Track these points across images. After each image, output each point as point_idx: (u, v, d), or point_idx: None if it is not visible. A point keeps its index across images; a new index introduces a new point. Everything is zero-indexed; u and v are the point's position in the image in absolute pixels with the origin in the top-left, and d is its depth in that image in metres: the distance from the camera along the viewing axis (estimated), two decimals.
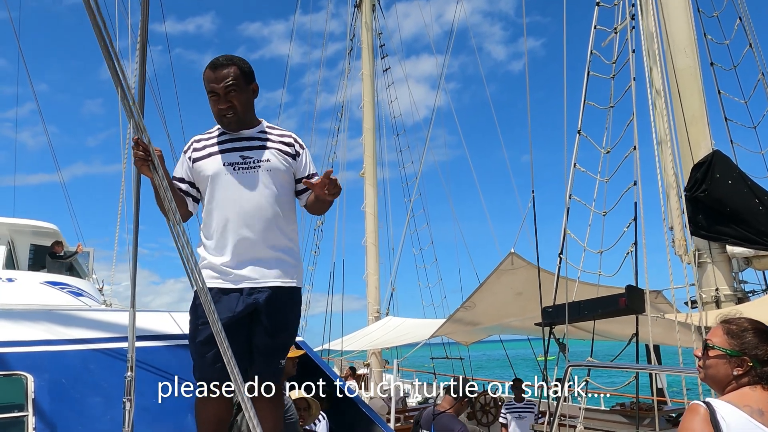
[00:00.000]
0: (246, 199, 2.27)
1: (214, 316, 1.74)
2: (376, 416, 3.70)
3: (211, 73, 2.29)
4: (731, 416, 1.60)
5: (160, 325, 3.43)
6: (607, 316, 4.71)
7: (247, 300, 2.26)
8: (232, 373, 1.70)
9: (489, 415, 9.66)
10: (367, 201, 15.13)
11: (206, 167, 2.33)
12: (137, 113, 1.94)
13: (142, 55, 2.29)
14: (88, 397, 2.89)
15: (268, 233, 2.29)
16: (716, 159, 5.06)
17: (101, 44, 1.91)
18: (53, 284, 7.28)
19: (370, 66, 16.00)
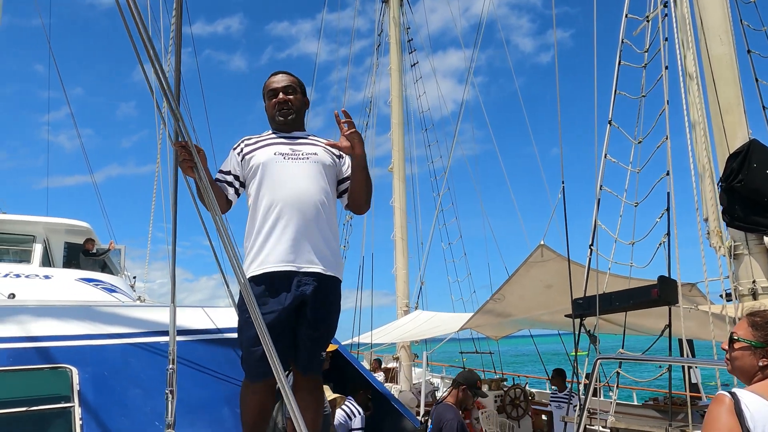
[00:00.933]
0: (295, 186, 2.39)
1: (256, 311, 1.83)
2: (404, 409, 3.79)
3: (274, 77, 2.54)
4: (755, 406, 1.63)
5: (195, 321, 3.57)
6: (639, 308, 4.67)
7: (295, 293, 2.35)
8: (275, 367, 1.78)
9: (519, 409, 9.72)
10: (395, 196, 15.26)
11: (258, 157, 2.47)
12: (179, 116, 2.04)
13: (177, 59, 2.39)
14: (129, 389, 3.03)
15: (315, 220, 2.39)
16: (753, 148, 4.94)
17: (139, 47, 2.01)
18: (88, 281, 7.56)
19: (398, 61, 16.11)
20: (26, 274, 7.20)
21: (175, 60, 2.51)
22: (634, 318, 6.08)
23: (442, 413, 4.08)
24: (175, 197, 2.49)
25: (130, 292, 8.64)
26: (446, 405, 4.15)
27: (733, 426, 1.64)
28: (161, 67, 1.94)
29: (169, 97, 2.01)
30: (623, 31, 5.01)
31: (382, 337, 14.10)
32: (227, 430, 2.53)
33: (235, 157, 2.54)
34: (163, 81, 1.94)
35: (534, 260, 6.77)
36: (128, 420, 2.84)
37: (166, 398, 2.50)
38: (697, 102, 5.03)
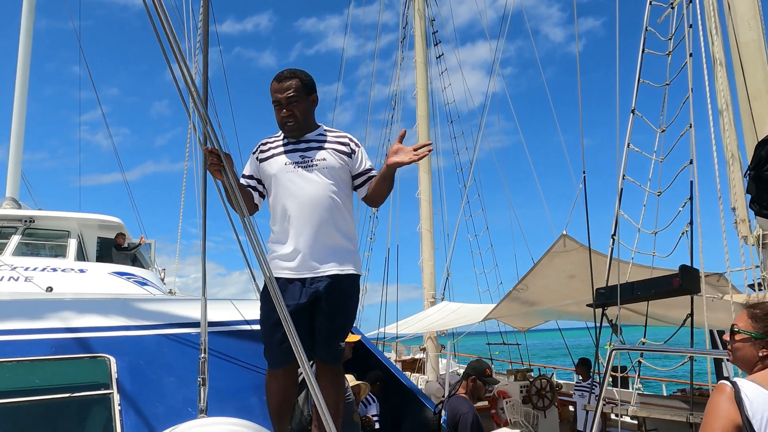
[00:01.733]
0: (304, 194, 2.52)
1: (280, 302, 1.96)
2: (425, 398, 3.92)
3: (276, 85, 2.58)
4: (754, 394, 1.70)
5: (224, 314, 3.75)
6: (661, 297, 4.67)
7: (308, 290, 2.52)
8: (298, 355, 1.91)
9: (545, 400, 9.80)
10: (421, 188, 15.39)
11: (270, 167, 2.61)
12: (207, 119, 2.17)
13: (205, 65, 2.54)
14: (163, 377, 3.22)
15: (325, 225, 2.53)
16: None
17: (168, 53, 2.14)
18: (120, 274, 7.88)
19: (423, 53, 16.19)
20: (62, 268, 7.54)
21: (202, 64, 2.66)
22: (659, 308, 6.07)
23: (456, 406, 4.04)
24: (204, 196, 2.65)
25: (161, 285, 8.96)
26: (460, 398, 4.11)
27: (733, 414, 1.71)
28: (189, 72, 2.07)
29: (197, 100, 2.15)
30: (647, 18, 4.96)
31: (408, 329, 14.28)
32: (255, 416, 2.69)
33: (255, 162, 2.69)
34: (191, 85, 2.07)
35: (557, 250, 6.79)
36: (163, 406, 3.02)
37: (198, 385, 2.68)
38: (723, 89, 4.95)
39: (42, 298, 4.43)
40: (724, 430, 1.70)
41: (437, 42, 16.84)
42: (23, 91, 9.89)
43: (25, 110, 9.93)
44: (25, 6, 10.17)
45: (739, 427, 1.69)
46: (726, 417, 1.71)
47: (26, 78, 9.94)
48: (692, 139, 4.57)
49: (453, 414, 3.99)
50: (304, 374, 1.90)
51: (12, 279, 6.79)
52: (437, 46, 16.85)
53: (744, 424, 1.68)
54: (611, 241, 4.93)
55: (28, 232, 8.18)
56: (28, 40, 10.06)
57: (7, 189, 9.68)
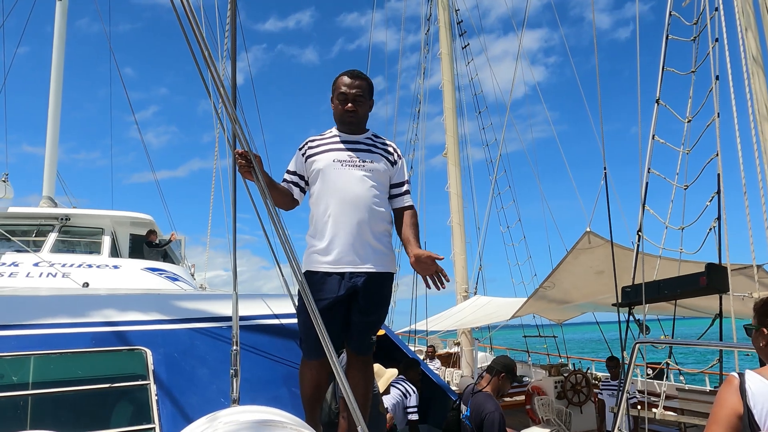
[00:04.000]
0: (349, 191, 2.68)
1: (309, 299, 2.12)
2: (449, 389, 4.07)
3: (347, 79, 2.76)
4: (757, 386, 1.81)
5: (254, 308, 3.97)
6: (687, 296, 4.67)
7: (347, 284, 2.68)
8: (327, 350, 2.04)
9: (581, 395, 9.75)
10: (450, 181, 15.47)
11: (318, 161, 2.75)
12: (236, 122, 2.34)
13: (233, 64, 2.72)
14: (196, 369, 3.44)
15: (365, 223, 2.70)
16: None
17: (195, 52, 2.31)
18: (152, 270, 8.25)
19: (448, 45, 16.24)
20: (97, 264, 7.93)
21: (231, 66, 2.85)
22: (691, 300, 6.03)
23: (482, 403, 3.96)
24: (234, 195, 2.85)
25: (191, 281, 9.32)
26: (486, 394, 4.05)
27: (736, 403, 1.82)
28: (218, 73, 2.23)
29: (226, 101, 2.32)
30: (671, 2, 4.92)
31: (439, 324, 14.41)
32: (285, 405, 2.85)
33: (300, 158, 2.82)
34: (220, 86, 2.23)
35: (582, 247, 6.80)
36: (197, 396, 3.24)
37: (230, 377, 2.89)
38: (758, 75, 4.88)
39: (80, 294, 4.74)
40: (726, 418, 1.83)
41: (463, 32, 16.84)
42: (57, 92, 10.35)
43: (59, 111, 10.39)
44: (58, 9, 10.64)
45: (741, 416, 1.81)
46: (729, 406, 1.83)
47: (60, 79, 10.40)
48: (717, 130, 4.54)
49: (478, 411, 3.92)
50: (333, 367, 2.03)
51: (50, 275, 7.19)
52: (462, 36, 16.85)
53: (745, 414, 1.79)
54: (637, 237, 4.94)
55: (64, 230, 8.62)
56: (61, 42, 10.51)
57: (43, 188, 10.18)
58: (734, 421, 1.82)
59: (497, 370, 4.14)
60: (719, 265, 4.35)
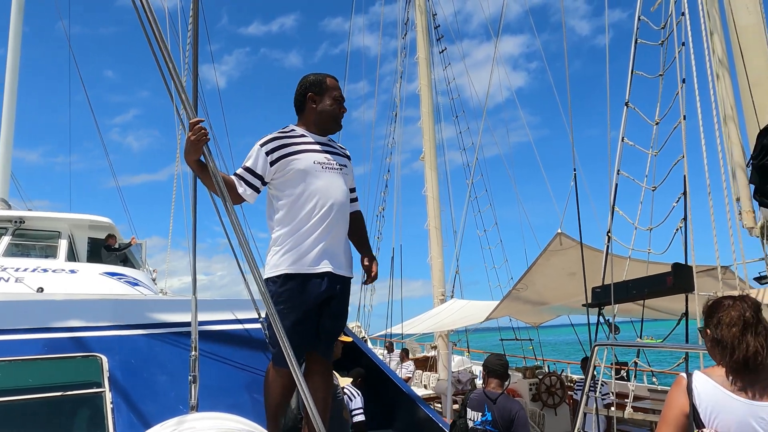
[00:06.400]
0: (332, 194, 2.74)
1: (271, 306, 2.11)
2: (417, 397, 4.13)
3: (336, 83, 2.89)
4: (703, 385, 1.93)
5: (216, 313, 3.97)
6: (655, 296, 4.83)
7: (327, 287, 2.72)
8: (288, 357, 2.03)
9: (555, 397, 9.97)
10: (428, 185, 15.76)
11: (298, 162, 2.73)
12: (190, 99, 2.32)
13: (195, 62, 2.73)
14: (155, 376, 3.43)
15: (342, 228, 2.79)
16: None
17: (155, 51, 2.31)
18: (111, 275, 8.13)
19: (426, 49, 16.58)
20: (53, 268, 7.79)
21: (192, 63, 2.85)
22: (660, 301, 6.23)
23: (508, 406, 4.15)
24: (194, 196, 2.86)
25: (152, 285, 9.21)
26: (507, 396, 4.25)
27: (683, 403, 1.94)
28: (179, 78, 2.23)
29: (187, 106, 2.32)
30: (640, 7, 5.09)
31: (415, 328, 14.55)
32: (246, 413, 2.87)
33: (264, 158, 2.72)
34: (182, 91, 2.23)
35: (554, 249, 6.98)
36: (155, 404, 3.23)
37: (189, 383, 2.89)
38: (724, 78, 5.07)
39: (33, 299, 4.66)
40: (675, 417, 1.94)
41: (440, 37, 17.13)
42: (12, 94, 10.20)
43: (14, 112, 10.24)
44: (13, 8, 10.44)
45: (688, 415, 1.91)
46: (677, 406, 1.95)
47: (15, 80, 10.26)
48: (683, 132, 4.71)
49: (507, 413, 4.11)
50: (293, 373, 2.03)
51: (2, 280, 7.04)
52: (439, 41, 17.14)
53: (691, 412, 1.90)
54: (607, 239, 5.09)
55: (18, 233, 8.43)
56: (17, 41, 10.35)
57: None
58: (682, 420, 1.92)
59: (502, 372, 4.36)
60: (685, 265, 4.51)
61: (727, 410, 1.86)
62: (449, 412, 8.50)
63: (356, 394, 4.23)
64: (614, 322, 4.97)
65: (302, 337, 2.62)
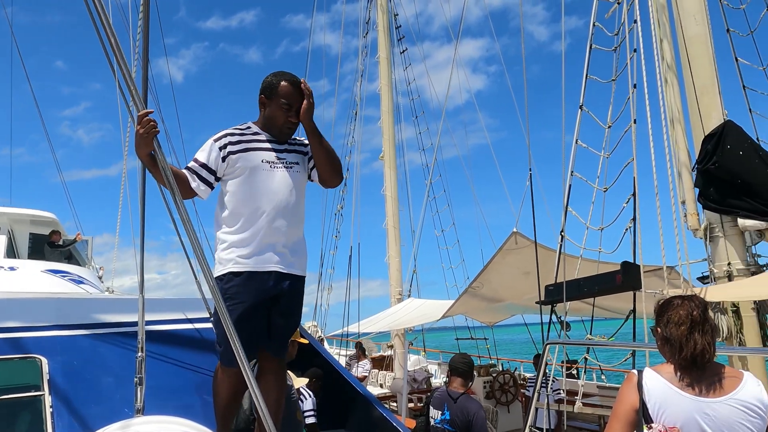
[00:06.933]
0: (279, 194, 2.69)
1: (220, 302, 2.06)
2: (371, 397, 4.14)
3: (293, 90, 2.70)
4: (652, 382, 2.00)
5: (164, 312, 3.86)
6: (605, 293, 5.02)
7: (274, 285, 2.69)
8: (238, 354, 2.00)
9: (508, 394, 10.20)
10: (387, 184, 15.83)
11: (245, 160, 2.69)
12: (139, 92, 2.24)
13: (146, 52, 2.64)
14: (99, 378, 3.32)
15: (292, 226, 2.74)
16: (727, 129, 5.23)
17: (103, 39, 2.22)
18: (54, 272, 7.80)
19: (387, 49, 16.64)
20: None
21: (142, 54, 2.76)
22: (610, 301, 6.46)
23: (465, 405, 4.15)
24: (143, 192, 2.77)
25: (98, 284, 8.90)
26: (467, 396, 4.25)
27: (633, 399, 2.01)
28: (128, 70, 2.15)
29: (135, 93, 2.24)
30: (595, 13, 5.26)
31: (372, 326, 14.59)
32: (195, 415, 2.81)
33: (216, 152, 2.69)
34: (131, 84, 2.15)
35: (509, 248, 7.15)
36: (99, 407, 3.12)
37: (135, 385, 2.80)
38: (672, 85, 5.30)
39: None
40: (624, 412, 2.00)
41: (401, 37, 17.24)
42: None
43: None
44: None
45: (636, 410, 1.98)
46: (627, 402, 2.02)
47: None
48: (633, 135, 4.90)
49: (463, 413, 4.11)
50: (244, 373, 2.00)
51: None
52: (401, 41, 17.26)
53: (640, 408, 1.97)
54: (560, 238, 5.25)
55: None
56: None
57: None
58: (631, 415, 1.99)
59: (466, 371, 4.36)
60: (633, 264, 4.69)
61: (675, 406, 1.93)
62: (404, 410, 8.56)
63: (308, 396, 4.20)
64: (566, 320, 5.11)
65: (249, 334, 2.57)
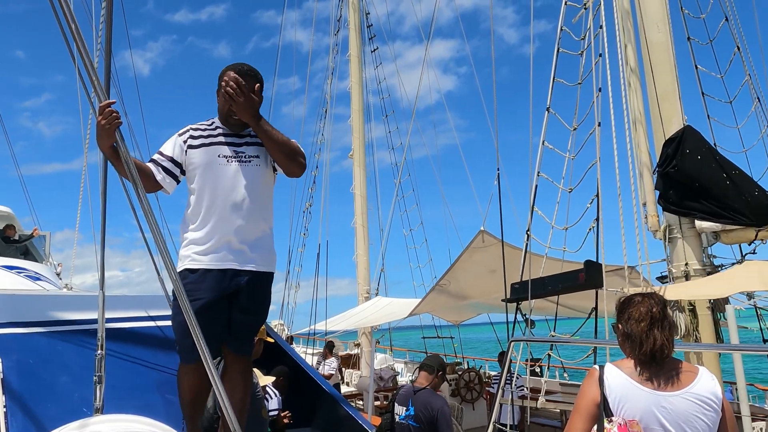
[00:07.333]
0: (235, 189, 2.64)
1: (184, 297, 2.05)
2: (337, 395, 4.14)
3: (231, 74, 2.61)
4: (613, 377, 2.07)
5: (125, 309, 3.77)
6: (568, 291, 5.14)
7: (230, 282, 2.64)
8: (202, 352, 1.99)
9: (473, 392, 10.40)
10: (356, 182, 15.88)
11: (200, 156, 2.67)
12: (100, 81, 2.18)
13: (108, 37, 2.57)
14: (56, 377, 3.22)
15: (250, 222, 2.67)
16: (686, 134, 5.43)
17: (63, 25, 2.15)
18: (9, 268, 7.52)
19: (358, 47, 16.67)
20: None
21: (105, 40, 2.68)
22: (573, 300, 6.62)
23: (429, 400, 4.11)
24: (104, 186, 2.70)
25: (56, 280, 8.63)
26: (430, 391, 4.19)
27: (595, 393, 2.07)
28: (90, 59, 2.09)
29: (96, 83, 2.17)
30: (562, 17, 5.37)
31: (339, 325, 14.58)
32: (158, 414, 2.76)
33: (180, 145, 2.70)
34: (93, 74, 2.09)
35: (476, 246, 7.26)
36: (56, 407, 3.03)
37: (94, 384, 2.73)
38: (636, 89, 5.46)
39: None
40: (586, 407, 2.06)
41: (372, 36, 17.28)
42: None
43: None
44: None
45: (597, 404, 2.03)
46: (588, 396, 2.08)
47: None
48: (597, 138, 5.03)
49: (428, 408, 4.07)
50: (208, 371, 1.97)
51: None
52: (372, 40, 17.30)
53: (601, 402, 2.02)
54: (526, 237, 5.35)
55: None
56: None
57: None
58: (593, 410, 2.04)
59: (436, 368, 4.31)
60: (596, 263, 4.83)
61: (634, 399, 1.99)
62: (371, 408, 8.58)
63: (273, 395, 4.17)
64: (530, 318, 5.21)
65: (204, 331, 2.51)
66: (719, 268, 5.79)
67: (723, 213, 5.39)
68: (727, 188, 5.30)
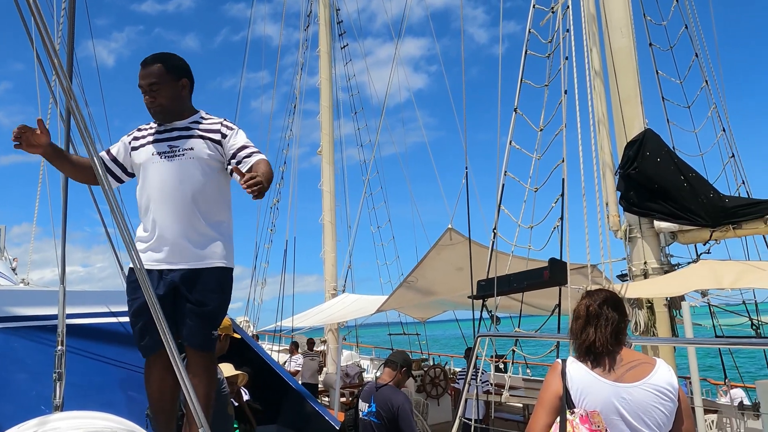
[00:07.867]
0: (168, 185, 2.60)
1: (148, 287, 2.00)
2: (304, 391, 4.14)
3: (141, 71, 2.62)
4: (574, 369, 2.14)
5: (87, 306, 3.68)
6: (533, 288, 5.27)
7: (166, 281, 2.60)
8: (167, 341, 1.92)
9: (438, 388, 10.53)
10: (324, 179, 15.85)
11: (139, 156, 2.69)
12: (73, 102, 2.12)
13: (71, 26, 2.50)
14: (12, 374, 3.13)
15: (187, 217, 2.60)
16: (647, 137, 5.62)
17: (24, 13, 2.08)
18: None
19: (327, 43, 16.59)
20: None
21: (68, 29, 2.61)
22: (537, 298, 6.76)
23: (390, 397, 4.09)
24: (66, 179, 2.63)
25: (12, 275, 8.35)
26: (392, 388, 4.18)
27: (557, 386, 2.14)
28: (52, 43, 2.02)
29: (59, 71, 2.11)
30: (530, 21, 5.48)
31: (306, 321, 14.52)
32: (119, 411, 2.70)
33: (126, 146, 2.76)
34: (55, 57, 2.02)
35: (443, 243, 7.35)
36: (11, 405, 2.95)
37: (54, 381, 2.65)
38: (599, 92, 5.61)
39: None
40: (549, 399, 2.12)
41: (342, 32, 17.22)
42: None
43: None
44: None
45: (560, 396, 2.09)
46: (551, 389, 2.14)
47: None
48: (564, 139, 5.15)
49: (388, 404, 4.06)
50: (172, 361, 1.92)
51: None
52: (342, 36, 17.25)
53: (564, 394, 2.08)
54: (492, 235, 5.45)
55: None
56: None
57: None
58: (555, 402, 2.11)
59: (399, 364, 4.30)
60: (560, 260, 4.95)
61: (595, 391, 2.06)
62: (337, 405, 8.59)
63: (243, 393, 4.15)
64: (496, 314, 5.31)
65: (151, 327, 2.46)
66: (676, 266, 6.02)
67: (680, 214, 5.60)
68: (685, 190, 5.51)
